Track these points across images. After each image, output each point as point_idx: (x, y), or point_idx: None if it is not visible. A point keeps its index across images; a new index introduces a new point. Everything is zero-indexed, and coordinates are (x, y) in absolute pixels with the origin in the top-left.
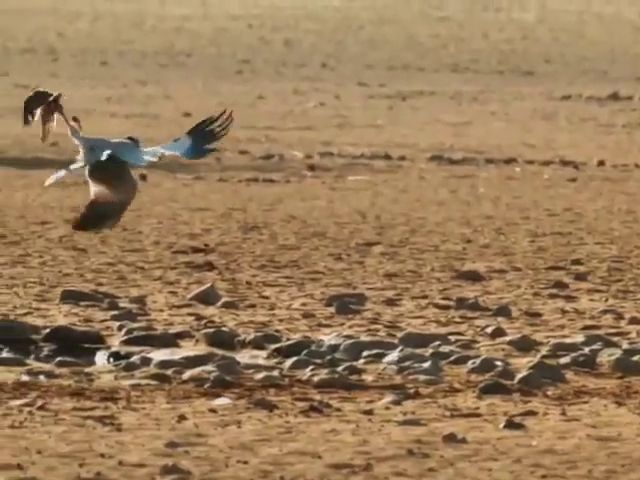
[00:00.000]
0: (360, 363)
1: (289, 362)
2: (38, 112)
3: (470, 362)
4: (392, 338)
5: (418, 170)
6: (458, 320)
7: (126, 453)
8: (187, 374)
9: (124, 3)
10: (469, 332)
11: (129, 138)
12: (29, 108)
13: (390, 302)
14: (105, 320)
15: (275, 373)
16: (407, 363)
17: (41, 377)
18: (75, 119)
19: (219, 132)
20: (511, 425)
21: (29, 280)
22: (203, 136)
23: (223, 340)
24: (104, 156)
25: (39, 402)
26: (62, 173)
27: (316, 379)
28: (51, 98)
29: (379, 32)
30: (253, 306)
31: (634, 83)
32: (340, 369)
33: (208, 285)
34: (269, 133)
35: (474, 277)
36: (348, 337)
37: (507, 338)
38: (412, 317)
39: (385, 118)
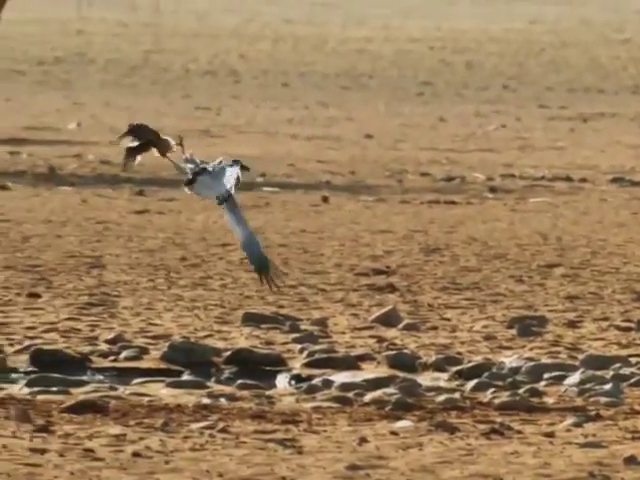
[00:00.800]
0: (541, 385)
1: (470, 384)
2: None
3: None
4: (573, 360)
5: (599, 192)
6: (639, 342)
7: (307, 476)
8: (368, 396)
9: (305, 25)
10: None
11: (235, 162)
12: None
13: (571, 324)
14: (286, 342)
15: (456, 395)
16: (588, 385)
17: (222, 400)
18: (180, 142)
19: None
20: None
21: (210, 302)
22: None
23: (404, 362)
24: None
25: (220, 425)
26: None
27: (497, 401)
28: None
29: (560, 54)
30: (435, 328)
31: None
32: (521, 391)
33: (390, 307)
34: (450, 155)
35: None
36: (529, 359)
37: None
38: (593, 339)
39: (566, 140)
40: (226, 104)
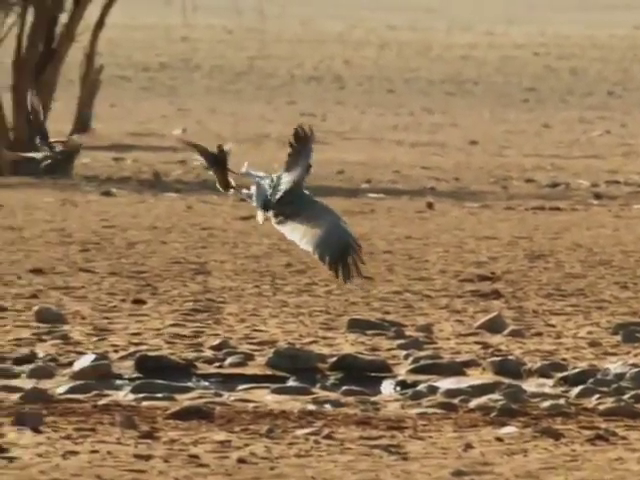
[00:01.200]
0: None
1: (575, 390)
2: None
3: None
4: None
5: None
6: None
7: None
8: (474, 403)
9: (410, 31)
10: None
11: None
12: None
13: None
14: (391, 349)
15: (561, 401)
16: None
17: (327, 406)
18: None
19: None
20: None
21: (315, 309)
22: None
23: (509, 368)
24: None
25: (325, 431)
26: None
27: (602, 407)
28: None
29: None
30: (539, 334)
31: None
32: (626, 397)
33: (495, 313)
34: (555, 161)
35: None
36: (634, 365)
37: None
38: None
39: None
40: (331, 110)
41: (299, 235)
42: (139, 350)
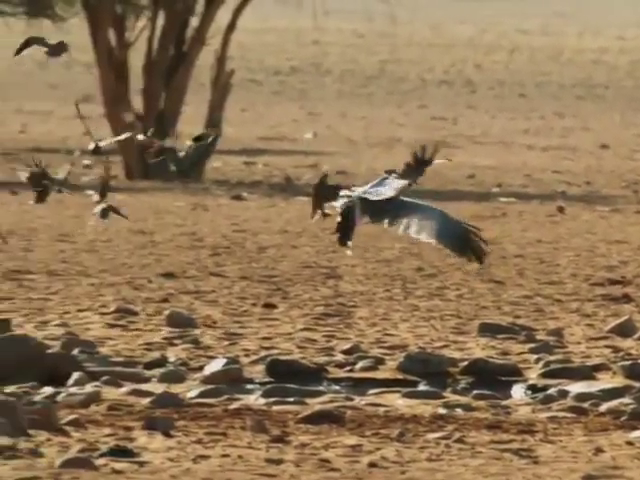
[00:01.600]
0: None
1: None
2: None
3: None
4: None
5: None
6: None
7: None
8: (604, 406)
9: (541, 36)
10: None
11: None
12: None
13: None
14: (522, 353)
15: None
16: None
17: (458, 410)
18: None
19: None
20: None
21: (446, 313)
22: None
23: None
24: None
25: (456, 435)
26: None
27: None
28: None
29: None
30: None
31: None
32: None
33: (625, 317)
34: None
35: None
36: None
37: None
38: None
39: None
40: (462, 114)
41: (416, 228)
42: (270, 354)
